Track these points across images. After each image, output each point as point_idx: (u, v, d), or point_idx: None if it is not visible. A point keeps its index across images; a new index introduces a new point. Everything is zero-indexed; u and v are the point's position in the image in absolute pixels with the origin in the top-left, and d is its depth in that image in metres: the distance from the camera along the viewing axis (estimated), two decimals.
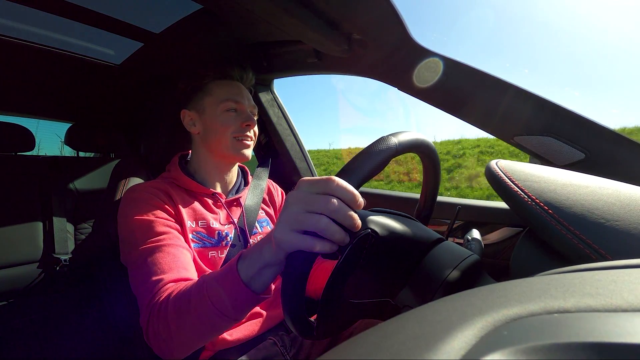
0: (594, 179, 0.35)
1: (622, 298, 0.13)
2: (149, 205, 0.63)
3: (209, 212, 0.71)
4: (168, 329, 0.46)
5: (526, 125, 0.69)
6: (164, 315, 0.47)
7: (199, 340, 0.46)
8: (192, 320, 0.45)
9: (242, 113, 0.72)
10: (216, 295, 0.43)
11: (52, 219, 1.24)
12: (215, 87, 0.72)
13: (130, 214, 0.61)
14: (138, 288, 0.55)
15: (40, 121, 1.72)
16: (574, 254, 0.27)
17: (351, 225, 0.33)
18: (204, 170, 0.75)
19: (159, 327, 0.48)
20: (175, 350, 0.48)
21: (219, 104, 0.71)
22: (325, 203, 0.32)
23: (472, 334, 0.12)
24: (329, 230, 0.32)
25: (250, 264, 0.41)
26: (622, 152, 0.61)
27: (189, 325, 0.45)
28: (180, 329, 0.46)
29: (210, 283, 0.44)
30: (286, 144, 1.22)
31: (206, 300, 0.43)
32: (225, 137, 0.70)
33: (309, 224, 0.33)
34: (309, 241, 0.33)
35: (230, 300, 0.42)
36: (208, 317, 0.43)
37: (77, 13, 0.84)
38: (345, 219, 0.32)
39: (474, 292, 0.17)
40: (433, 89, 0.76)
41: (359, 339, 0.14)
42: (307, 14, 0.64)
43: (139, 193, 0.65)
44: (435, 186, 0.54)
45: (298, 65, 0.98)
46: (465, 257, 0.40)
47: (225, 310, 0.43)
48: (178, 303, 0.47)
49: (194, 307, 0.44)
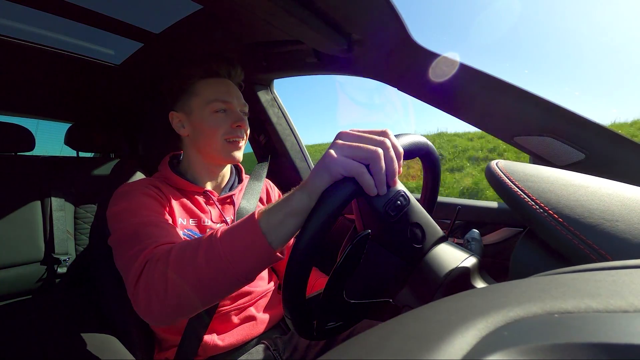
0: (594, 179, 0.35)
1: (623, 298, 0.13)
2: (141, 193, 0.61)
3: (200, 211, 0.70)
4: (164, 278, 0.42)
5: (526, 125, 0.69)
6: (163, 262, 0.43)
7: (194, 297, 0.42)
8: (194, 268, 0.40)
9: (231, 113, 0.69)
10: (228, 242, 0.40)
11: (52, 219, 1.24)
12: (202, 87, 0.69)
13: (119, 203, 0.59)
14: (127, 253, 0.50)
15: (40, 121, 1.72)
16: (574, 254, 0.27)
17: (393, 173, 0.36)
18: (195, 170, 0.73)
19: (154, 276, 0.43)
20: (165, 305, 0.42)
21: (207, 105, 0.67)
22: (382, 141, 0.36)
23: (472, 334, 0.12)
24: (380, 166, 0.35)
25: (273, 212, 0.39)
26: (622, 152, 0.61)
27: (189, 274, 0.41)
28: (178, 279, 0.41)
29: (225, 230, 0.41)
30: (286, 144, 1.22)
31: (216, 246, 0.40)
32: (215, 140, 0.68)
33: (363, 150, 0.35)
34: (360, 168, 0.35)
35: (243, 248, 0.39)
36: (213, 266, 0.40)
37: (77, 13, 0.84)
38: (393, 162, 0.36)
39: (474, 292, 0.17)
40: (433, 89, 0.76)
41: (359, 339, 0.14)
42: (307, 14, 0.64)
43: (129, 186, 0.64)
44: (435, 186, 0.54)
45: (298, 65, 0.98)
46: (465, 258, 0.40)
47: (234, 260, 0.39)
48: (184, 249, 0.43)
49: (201, 253, 0.41)
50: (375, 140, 0.36)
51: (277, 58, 0.98)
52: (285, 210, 0.38)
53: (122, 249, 0.52)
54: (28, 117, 1.60)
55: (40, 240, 1.22)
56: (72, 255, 1.28)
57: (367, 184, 0.35)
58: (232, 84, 0.73)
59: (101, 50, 1.07)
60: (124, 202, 0.59)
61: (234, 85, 0.74)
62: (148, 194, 0.62)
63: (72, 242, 1.31)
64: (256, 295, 0.72)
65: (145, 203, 0.59)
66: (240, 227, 0.40)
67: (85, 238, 1.34)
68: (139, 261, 0.46)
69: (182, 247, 0.44)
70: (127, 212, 0.57)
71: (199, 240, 0.43)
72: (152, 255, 0.46)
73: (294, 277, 0.35)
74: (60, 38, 0.98)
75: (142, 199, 0.60)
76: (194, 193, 0.71)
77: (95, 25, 0.90)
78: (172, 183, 0.70)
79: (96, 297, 0.72)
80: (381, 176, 0.35)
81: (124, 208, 0.58)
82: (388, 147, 0.36)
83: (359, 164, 0.35)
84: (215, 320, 0.65)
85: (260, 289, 0.73)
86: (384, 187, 0.37)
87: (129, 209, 0.57)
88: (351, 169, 0.34)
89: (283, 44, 0.91)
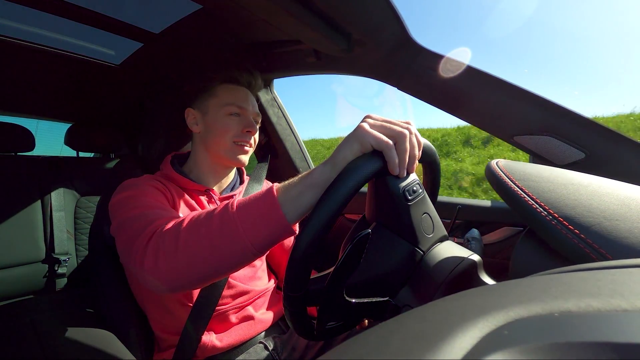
0: (594, 179, 0.35)
1: (623, 298, 0.13)
2: (145, 184, 0.62)
3: (202, 209, 0.70)
4: (176, 239, 0.41)
5: (526, 124, 0.69)
6: (176, 227, 0.43)
7: (203, 261, 0.41)
8: (207, 230, 0.40)
9: (244, 119, 0.72)
10: (244, 210, 0.40)
11: (52, 219, 1.24)
12: (221, 90, 0.73)
13: (123, 192, 0.60)
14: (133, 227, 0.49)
15: (40, 121, 1.72)
16: (574, 253, 0.27)
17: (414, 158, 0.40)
18: (200, 169, 0.74)
19: (165, 238, 0.42)
20: (174, 264, 0.41)
21: (223, 107, 0.71)
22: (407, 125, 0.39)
23: (473, 333, 0.12)
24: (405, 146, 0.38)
25: (293, 185, 0.40)
26: (622, 151, 0.61)
27: (202, 236, 0.40)
28: (190, 238, 0.41)
29: (242, 200, 0.41)
30: (286, 144, 1.22)
31: (231, 211, 0.40)
32: (225, 140, 0.70)
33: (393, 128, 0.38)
34: (389, 142, 0.37)
35: (257, 217, 0.39)
36: (226, 231, 0.39)
37: (77, 13, 0.84)
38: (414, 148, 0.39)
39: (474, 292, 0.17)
40: (433, 88, 0.76)
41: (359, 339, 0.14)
42: (307, 13, 0.64)
43: (133, 180, 0.65)
44: (435, 186, 0.54)
45: (298, 65, 0.98)
46: (465, 257, 0.40)
47: (247, 228, 0.39)
48: (197, 217, 0.43)
49: (216, 217, 0.41)
50: (402, 124, 0.39)
51: (277, 58, 0.98)
52: (305, 182, 0.39)
53: (128, 226, 0.50)
54: (28, 117, 1.60)
55: (41, 240, 1.22)
56: (72, 255, 1.29)
57: (392, 161, 0.37)
58: (250, 93, 0.77)
59: (101, 50, 1.07)
60: (128, 191, 0.60)
61: (252, 95, 0.77)
62: (154, 185, 0.63)
63: (73, 242, 1.31)
64: (254, 295, 0.72)
65: (149, 191, 0.60)
66: (257, 197, 0.41)
67: (85, 238, 1.34)
68: (150, 227, 0.46)
69: (197, 212, 0.44)
70: (132, 198, 0.57)
71: (215, 207, 0.43)
72: (164, 223, 0.45)
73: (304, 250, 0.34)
74: (60, 38, 0.98)
75: (147, 188, 0.61)
76: (196, 192, 0.72)
77: (95, 26, 0.90)
78: (174, 181, 0.71)
79: (96, 297, 0.72)
80: (405, 156, 0.38)
81: (128, 195, 0.58)
82: (413, 132, 0.40)
83: (388, 140, 0.37)
84: (214, 319, 0.65)
85: (258, 288, 0.73)
86: (405, 168, 0.39)
87: (133, 195, 0.58)
88: (381, 142, 0.37)
89: (283, 44, 0.91)
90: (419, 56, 0.75)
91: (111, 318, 0.68)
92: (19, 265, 1.16)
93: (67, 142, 1.43)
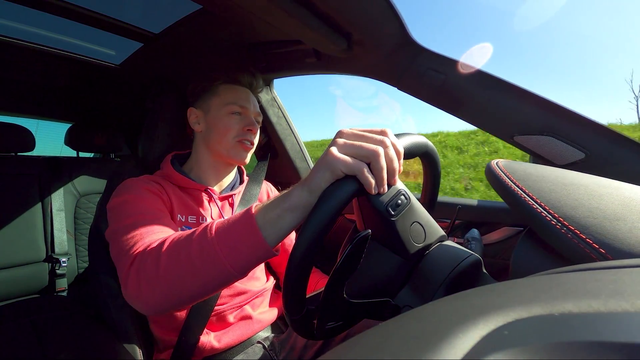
0: (594, 179, 0.35)
1: (623, 298, 0.13)
2: (142, 188, 0.63)
3: (201, 207, 0.71)
4: (157, 262, 0.42)
5: (526, 124, 0.68)
6: (156, 251, 0.43)
7: (185, 285, 0.41)
8: (187, 256, 0.40)
9: (245, 117, 0.73)
10: (223, 234, 0.39)
11: (52, 220, 1.24)
12: (223, 90, 0.74)
13: (120, 195, 0.60)
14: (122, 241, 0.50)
15: (40, 121, 1.72)
16: (574, 253, 0.27)
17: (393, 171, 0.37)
18: (201, 168, 0.75)
19: (145, 264, 0.43)
20: (155, 290, 0.42)
21: (224, 106, 0.72)
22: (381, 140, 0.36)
23: (473, 334, 0.12)
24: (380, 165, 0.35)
25: (271, 207, 0.39)
26: (622, 151, 0.61)
27: (182, 262, 0.40)
28: (170, 264, 0.41)
29: (222, 222, 0.41)
30: (286, 144, 1.22)
31: (210, 236, 0.40)
32: (226, 139, 0.71)
33: (363, 148, 0.35)
34: (361, 166, 0.35)
35: (237, 242, 0.39)
36: (207, 257, 0.39)
37: (77, 14, 0.84)
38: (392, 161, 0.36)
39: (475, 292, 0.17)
40: (433, 88, 0.76)
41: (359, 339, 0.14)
42: (307, 14, 0.64)
43: (130, 182, 0.65)
44: (435, 186, 0.54)
45: (298, 65, 0.98)
46: (465, 257, 0.40)
47: (227, 253, 0.38)
48: (177, 240, 0.43)
49: (196, 242, 0.40)
50: (375, 139, 0.37)
51: (277, 58, 0.98)
52: (284, 205, 0.38)
53: (118, 238, 0.52)
54: (28, 117, 1.60)
55: (41, 240, 1.22)
56: (72, 255, 1.29)
57: (367, 183, 0.35)
58: (252, 93, 0.78)
59: (101, 51, 1.07)
60: (124, 194, 0.61)
61: (253, 95, 0.78)
62: (149, 189, 0.63)
63: (73, 242, 1.31)
64: (252, 295, 0.72)
65: (145, 196, 0.61)
66: (236, 220, 0.40)
67: (85, 238, 1.34)
68: (133, 249, 0.47)
69: (177, 235, 0.44)
70: (127, 204, 0.58)
71: (194, 230, 0.42)
72: (148, 244, 0.46)
73: (295, 275, 0.35)
74: (60, 38, 0.98)
75: (143, 193, 0.62)
76: (195, 191, 0.72)
77: (95, 26, 0.90)
78: (174, 181, 0.71)
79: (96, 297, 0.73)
80: (382, 174, 0.36)
81: (124, 200, 0.59)
82: (388, 145, 0.36)
83: (360, 162, 0.35)
84: (212, 319, 0.65)
85: (256, 288, 0.74)
86: (385, 185, 0.37)
87: (128, 200, 0.59)
88: (352, 167, 0.35)
89: (283, 44, 0.91)
90: (419, 56, 0.75)
91: (111, 318, 0.68)
92: (19, 265, 1.16)
93: (67, 142, 1.43)
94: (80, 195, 1.35)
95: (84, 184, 1.36)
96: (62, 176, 1.32)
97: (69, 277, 1.26)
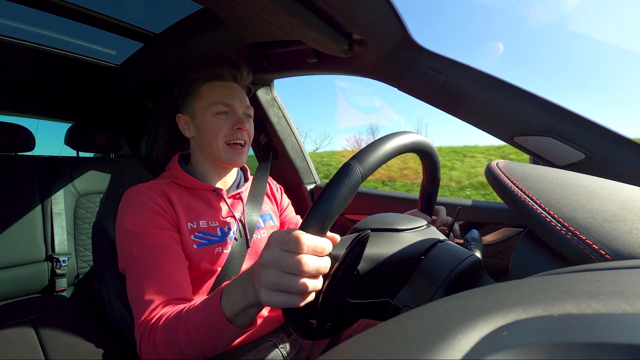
0: (594, 180, 0.35)
1: (623, 299, 0.13)
2: (147, 210, 0.62)
3: (211, 208, 0.70)
4: (157, 352, 0.49)
5: (526, 125, 0.69)
6: (153, 340, 0.49)
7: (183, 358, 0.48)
8: (180, 350, 0.47)
9: (233, 115, 0.70)
10: (202, 331, 0.45)
11: (52, 219, 1.24)
12: (205, 90, 0.70)
13: (127, 220, 0.61)
14: (133, 300, 0.56)
15: (40, 121, 1.72)
16: (574, 254, 0.27)
17: (324, 273, 0.36)
18: (202, 170, 0.74)
19: (149, 349, 0.50)
20: None
21: (209, 108, 0.69)
22: (297, 265, 0.33)
23: (472, 334, 0.12)
24: (306, 287, 0.34)
25: (235, 303, 0.42)
26: (622, 152, 0.61)
27: (177, 354, 0.47)
28: (166, 345, 0.48)
29: (195, 319, 0.46)
30: (286, 145, 1.22)
31: (192, 335, 0.45)
32: (217, 142, 0.69)
33: (288, 285, 0.34)
34: (293, 299, 0.35)
35: (216, 333, 0.44)
36: (195, 348, 0.46)
37: (78, 14, 0.84)
38: (318, 270, 0.34)
39: (474, 292, 0.17)
40: (433, 89, 0.76)
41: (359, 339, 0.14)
42: (307, 14, 0.64)
43: (136, 196, 0.64)
44: (435, 186, 0.54)
45: (298, 65, 0.98)
46: (465, 257, 0.40)
47: (210, 342, 0.45)
48: (165, 334, 0.48)
49: (181, 339, 0.46)
50: (301, 268, 0.34)
51: (277, 58, 0.98)
52: (243, 304, 0.41)
53: (131, 285, 0.58)
54: (28, 117, 1.60)
55: (41, 240, 1.22)
56: (72, 255, 1.29)
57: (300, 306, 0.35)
58: (238, 86, 0.74)
59: (101, 51, 1.07)
60: (131, 217, 0.61)
61: (239, 88, 0.74)
62: (155, 210, 0.62)
63: (73, 242, 1.31)
64: None
65: (150, 227, 0.61)
66: (209, 318, 0.45)
67: (85, 238, 1.35)
68: (138, 326, 0.53)
69: (164, 328, 0.49)
70: (135, 238, 0.59)
71: (175, 326, 0.47)
72: (145, 326, 0.51)
73: None
74: (60, 38, 0.98)
75: (149, 219, 0.61)
76: (203, 191, 0.71)
77: (95, 26, 0.90)
78: (181, 182, 0.70)
79: (99, 296, 0.72)
80: (306, 292, 0.35)
81: (131, 231, 0.60)
82: (303, 269, 0.33)
83: (293, 295, 0.35)
84: None
85: None
86: (312, 295, 0.36)
87: (136, 233, 0.60)
88: (282, 305, 0.35)
89: (283, 44, 0.91)
90: (419, 56, 0.75)
91: (114, 316, 0.68)
92: (19, 265, 1.16)
93: (67, 142, 1.43)
94: (80, 195, 1.35)
95: (84, 184, 1.36)
96: (62, 176, 1.32)
97: (69, 277, 1.26)
